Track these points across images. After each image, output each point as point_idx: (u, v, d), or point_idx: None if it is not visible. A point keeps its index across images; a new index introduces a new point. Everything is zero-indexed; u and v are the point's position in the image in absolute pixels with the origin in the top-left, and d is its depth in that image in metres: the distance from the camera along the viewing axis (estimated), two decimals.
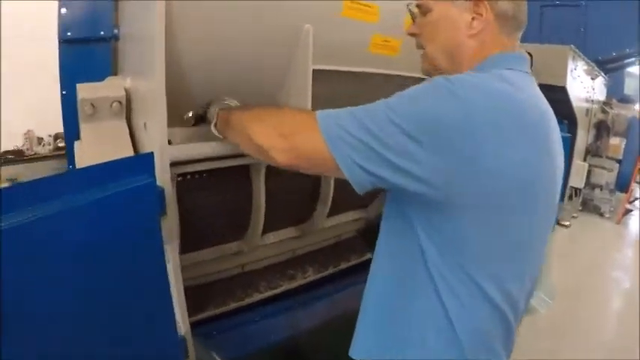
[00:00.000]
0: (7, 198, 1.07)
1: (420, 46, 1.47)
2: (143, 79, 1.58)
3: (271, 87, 1.89)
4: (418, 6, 1.44)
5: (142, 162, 1.35)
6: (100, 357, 1.34)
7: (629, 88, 9.89)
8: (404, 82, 2.39)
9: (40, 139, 3.58)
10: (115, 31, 1.91)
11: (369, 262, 2.38)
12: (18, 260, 1.06)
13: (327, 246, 2.71)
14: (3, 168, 2.93)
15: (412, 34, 1.48)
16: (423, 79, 2.43)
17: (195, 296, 2.07)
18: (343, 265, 2.64)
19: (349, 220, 2.70)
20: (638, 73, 9.64)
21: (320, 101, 1.83)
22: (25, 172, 2.96)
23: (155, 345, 1.51)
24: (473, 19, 1.31)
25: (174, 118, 1.63)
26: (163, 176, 1.46)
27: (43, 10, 2.59)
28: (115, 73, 1.91)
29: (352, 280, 2.64)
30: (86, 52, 1.91)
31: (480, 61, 1.32)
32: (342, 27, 1.88)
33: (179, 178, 1.77)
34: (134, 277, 1.35)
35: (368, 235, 2.85)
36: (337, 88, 2.09)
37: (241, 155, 1.71)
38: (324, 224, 2.46)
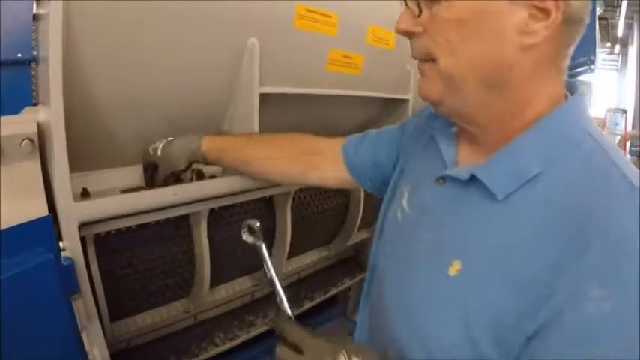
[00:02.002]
0: None
1: (421, 54, 0.90)
2: (46, 109, 1.33)
3: (212, 116, 1.65)
4: None
5: (35, 231, 1.07)
6: None
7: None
8: (367, 104, 2.20)
9: None
10: (35, 53, 1.65)
11: (333, 299, 2.14)
12: None
13: (289, 285, 2.45)
14: None
15: (405, 33, 0.91)
16: (393, 101, 2.30)
17: (142, 358, 1.82)
18: (307, 305, 2.39)
19: (311, 260, 2.49)
20: (589, 80, 9.86)
21: (269, 129, 1.62)
22: None
23: None
24: (532, 17, 0.77)
25: (104, 159, 1.45)
26: (73, 245, 1.20)
27: None
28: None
29: (318, 320, 2.52)
30: (1, 78, 1.65)
31: (547, 108, 0.85)
32: (293, 41, 1.65)
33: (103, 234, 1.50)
34: None
35: (330, 271, 2.66)
36: (290, 114, 1.87)
37: (179, 205, 1.48)
38: (282, 269, 2.24)
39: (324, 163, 1.42)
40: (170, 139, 1.45)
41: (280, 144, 1.47)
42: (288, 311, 1.07)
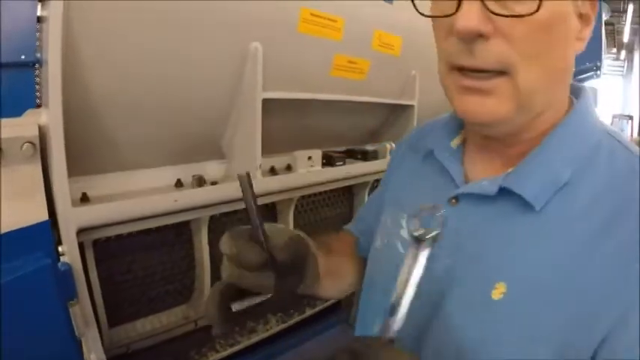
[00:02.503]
0: None
1: (492, 64, 0.72)
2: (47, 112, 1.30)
3: (214, 121, 1.62)
4: None
5: (33, 235, 1.06)
6: None
7: None
8: (372, 110, 2.18)
9: None
10: (38, 55, 1.64)
11: (334, 306, 2.12)
12: None
13: None
14: None
15: (469, 34, 0.69)
16: (398, 107, 2.29)
17: None
18: (309, 312, 2.35)
19: None
20: (594, 86, 9.84)
21: (272, 135, 1.60)
22: None
23: None
24: (581, 16, 0.74)
25: (105, 163, 1.43)
26: (71, 250, 1.18)
27: None
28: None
29: (319, 328, 2.42)
30: (5, 80, 1.64)
31: (567, 107, 0.84)
32: (297, 46, 1.62)
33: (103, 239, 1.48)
34: None
35: None
36: (294, 120, 1.84)
37: (179, 211, 1.45)
38: None
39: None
40: None
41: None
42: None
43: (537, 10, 0.66)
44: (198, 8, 1.32)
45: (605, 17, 4.19)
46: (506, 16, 0.68)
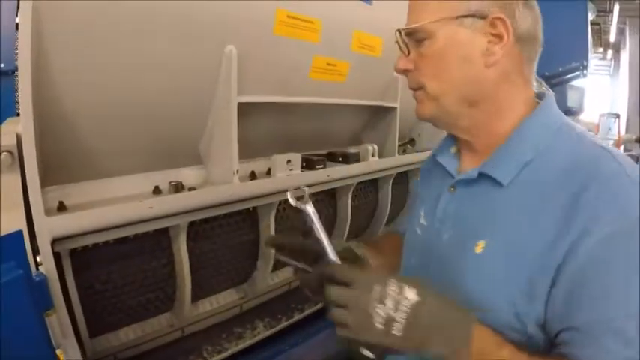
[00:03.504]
0: None
1: (414, 85, 1.13)
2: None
3: (190, 127, 1.61)
4: (410, 33, 1.09)
5: (7, 246, 1.04)
6: None
7: (572, 100, 10.16)
8: (354, 112, 2.17)
9: None
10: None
11: (323, 310, 2.11)
12: None
13: (277, 296, 2.41)
14: None
15: (403, 71, 1.15)
16: (381, 109, 2.26)
17: None
18: (297, 316, 2.33)
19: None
20: (580, 85, 9.90)
21: (251, 139, 1.61)
22: None
23: None
24: (489, 42, 1.02)
25: (82, 171, 1.42)
26: (46, 260, 1.16)
27: None
28: None
29: (308, 332, 2.37)
30: None
31: (525, 111, 1.08)
32: (274, 48, 1.61)
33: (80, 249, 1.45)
34: None
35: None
36: (274, 124, 1.83)
37: (156, 218, 1.43)
38: (268, 281, 2.20)
39: None
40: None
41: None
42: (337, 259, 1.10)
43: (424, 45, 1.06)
44: (171, 12, 1.31)
45: (591, 17, 4.20)
46: (408, 56, 1.11)
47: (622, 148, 11.41)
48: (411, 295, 0.96)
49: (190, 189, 1.55)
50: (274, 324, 2.23)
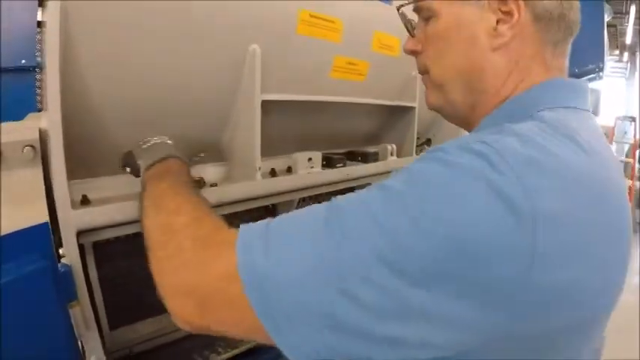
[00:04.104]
0: None
1: (421, 69, 1.02)
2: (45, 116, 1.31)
3: (213, 124, 1.62)
4: (417, 9, 0.99)
5: (32, 238, 1.06)
6: None
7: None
8: (372, 112, 2.19)
9: None
10: (39, 59, 1.64)
11: None
12: None
13: None
14: None
15: (412, 52, 1.04)
16: (399, 109, 2.28)
17: None
18: None
19: None
20: (597, 88, 9.82)
21: (272, 137, 1.60)
22: None
23: None
24: (498, 22, 0.86)
25: (105, 166, 1.43)
26: (70, 252, 1.18)
27: None
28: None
29: None
30: (6, 84, 1.64)
31: (516, 93, 0.89)
32: (296, 48, 1.61)
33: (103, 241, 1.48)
34: None
35: None
36: (293, 122, 1.84)
37: None
38: None
39: None
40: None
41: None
42: None
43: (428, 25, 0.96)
44: (196, 11, 1.32)
45: (607, 19, 4.18)
46: (412, 33, 1.03)
47: (638, 152, 11.30)
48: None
49: (212, 185, 1.57)
50: None
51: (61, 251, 1.18)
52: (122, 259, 1.56)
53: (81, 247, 1.25)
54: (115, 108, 1.36)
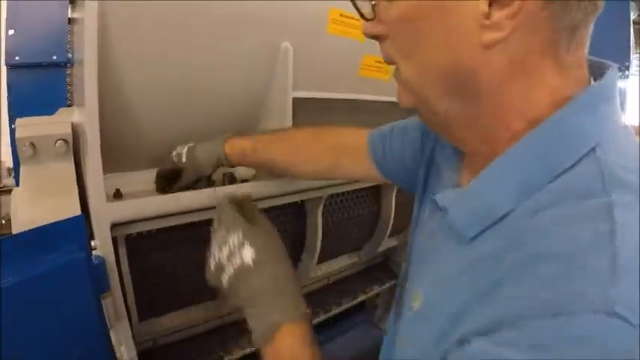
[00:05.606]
0: None
1: (386, 59, 0.75)
2: (80, 111, 1.36)
3: (245, 121, 1.63)
4: None
5: (68, 229, 1.07)
6: None
7: None
8: (400, 110, 2.17)
9: (10, 170, 3.30)
10: (70, 55, 1.66)
11: (362, 304, 2.10)
12: None
13: (315, 290, 2.43)
14: None
15: (372, 37, 0.75)
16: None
17: (167, 358, 1.81)
18: (335, 310, 2.35)
19: (340, 266, 2.43)
20: (623, 87, 9.70)
21: None
22: None
23: None
24: (492, 4, 0.58)
25: (137, 161, 1.45)
26: (104, 244, 1.20)
27: None
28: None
29: (344, 327, 2.51)
30: (37, 79, 1.67)
31: (537, 113, 0.63)
32: (327, 46, 1.62)
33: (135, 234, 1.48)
34: None
35: (359, 278, 2.60)
36: (321, 119, 1.82)
37: (211, 207, 1.42)
38: (312, 274, 2.20)
39: (350, 160, 1.29)
40: (191, 144, 1.43)
41: (304, 141, 1.36)
42: None
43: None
44: (230, 10, 1.34)
45: (633, 17, 4.12)
46: (372, 19, 0.72)
47: None
48: (246, 255, 0.95)
49: (243, 181, 1.58)
50: (312, 317, 2.21)
51: (92, 243, 1.19)
52: (153, 252, 1.58)
53: (114, 240, 1.27)
54: (148, 104, 1.38)
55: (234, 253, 0.97)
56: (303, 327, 0.91)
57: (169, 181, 1.45)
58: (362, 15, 0.73)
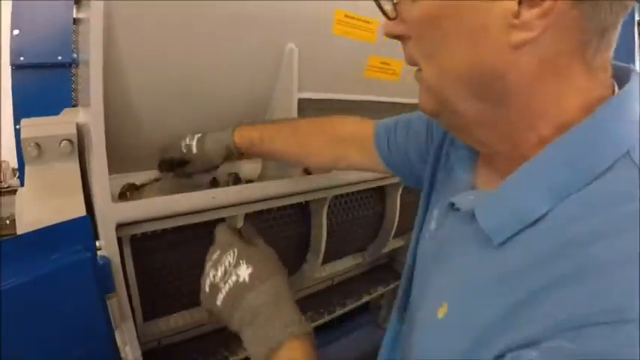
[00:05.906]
0: None
1: (409, 61, 0.74)
2: (86, 111, 1.34)
3: (249, 121, 1.59)
4: None
5: (73, 230, 1.07)
6: None
7: None
8: (405, 111, 2.17)
9: (15, 171, 3.31)
10: (75, 55, 1.67)
11: (366, 305, 2.09)
12: None
13: (320, 291, 2.43)
14: None
15: (394, 37, 0.74)
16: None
17: (172, 358, 1.81)
18: (339, 311, 2.34)
19: (345, 267, 2.42)
20: None
21: None
22: None
23: None
24: (521, 3, 0.56)
25: (141, 161, 1.45)
26: (109, 244, 1.19)
27: None
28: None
29: (348, 327, 2.49)
30: (42, 80, 1.67)
31: (569, 117, 0.62)
32: (332, 47, 1.62)
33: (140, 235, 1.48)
34: None
35: (364, 278, 2.59)
36: None
37: (216, 208, 1.45)
38: (316, 275, 2.18)
39: (358, 152, 1.29)
40: (199, 134, 1.42)
41: (311, 132, 1.37)
42: None
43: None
44: (235, 11, 1.33)
45: (637, 18, 4.11)
46: (388, 17, 0.71)
47: None
48: (242, 273, 0.93)
49: (248, 181, 1.58)
50: (316, 318, 2.24)
51: (97, 243, 1.19)
52: (158, 253, 1.57)
53: (119, 240, 1.27)
54: (152, 105, 1.37)
55: (229, 272, 0.96)
56: (306, 344, 0.89)
57: (173, 167, 1.45)
58: (384, 14, 0.71)
